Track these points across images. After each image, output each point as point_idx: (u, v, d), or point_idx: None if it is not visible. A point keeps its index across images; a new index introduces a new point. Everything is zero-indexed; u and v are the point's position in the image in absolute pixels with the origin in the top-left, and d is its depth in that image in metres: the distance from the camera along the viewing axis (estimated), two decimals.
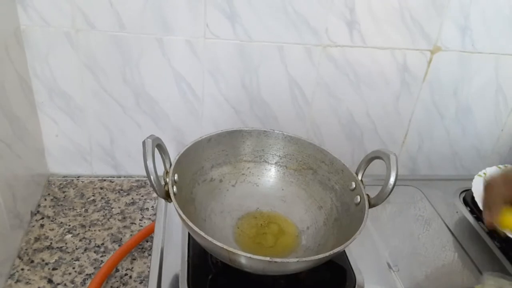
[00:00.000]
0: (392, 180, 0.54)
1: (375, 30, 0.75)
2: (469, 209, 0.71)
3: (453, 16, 0.75)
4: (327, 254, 0.47)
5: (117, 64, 0.73)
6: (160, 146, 0.54)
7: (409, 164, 0.92)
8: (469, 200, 0.71)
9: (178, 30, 0.71)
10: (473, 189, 0.67)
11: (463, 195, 0.74)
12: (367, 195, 0.56)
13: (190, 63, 0.74)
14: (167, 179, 0.53)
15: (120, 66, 0.73)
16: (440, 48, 0.78)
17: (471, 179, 0.70)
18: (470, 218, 0.69)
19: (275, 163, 0.66)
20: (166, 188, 0.52)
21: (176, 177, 0.55)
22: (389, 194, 0.54)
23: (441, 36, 0.77)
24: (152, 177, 0.50)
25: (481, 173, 0.71)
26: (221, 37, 0.72)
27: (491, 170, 0.71)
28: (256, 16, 0.71)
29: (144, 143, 0.51)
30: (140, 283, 0.64)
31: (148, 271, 0.64)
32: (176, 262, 0.57)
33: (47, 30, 0.69)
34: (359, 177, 0.59)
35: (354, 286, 0.55)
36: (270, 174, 0.66)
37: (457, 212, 0.70)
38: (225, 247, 0.46)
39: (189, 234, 0.60)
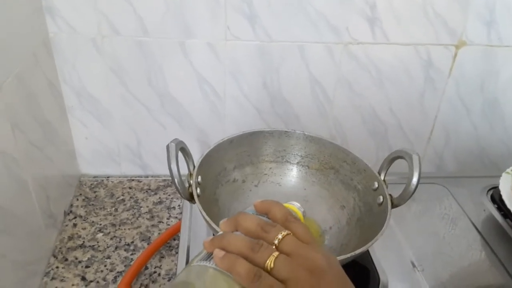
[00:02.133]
0: (414, 180, 0.53)
1: (398, 27, 0.74)
2: (496, 206, 0.69)
3: (477, 10, 0.73)
4: (349, 255, 0.48)
5: (142, 68, 0.75)
6: (183, 149, 0.55)
7: (436, 160, 0.90)
8: (496, 198, 0.70)
9: (200, 33, 0.72)
10: (500, 187, 0.66)
11: (490, 192, 0.72)
12: (390, 195, 0.56)
13: (212, 65, 0.75)
14: (191, 181, 0.55)
15: (144, 70, 0.75)
16: (465, 43, 0.77)
17: (499, 176, 0.69)
18: (497, 216, 0.67)
19: (297, 163, 0.66)
20: (190, 190, 0.54)
21: (199, 178, 0.56)
22: (411, 195, 0.54)
23: (466, 30, 0.75)
24: (176, 180, 0.52)
25: (509, 170, 0.69)
26: (241, 39, 0.73)
27: None
28: (275, 17, 0.71)
29: (168, 147, 0.52)
30: (169, 280, 0.66)
31: (176, 269, 0.66)
32: None
33: (74, 37, 0.71)
34: (382, 177, 0.59)
35: (378, 286, 0.55)
36: (292, 174, 0.66)
37: (484, 210, 0.69)
38: None
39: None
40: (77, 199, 0.80)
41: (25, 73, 0.61)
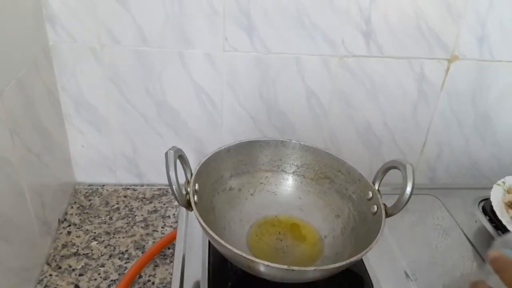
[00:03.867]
0: (408, 190, 0.54)
1: (392, 40, 0.76)
2: (488, 218, 0.70)
3: (470, 25, 0.76)
4: (344, 263, 0.48)
5: (140, 77, 0.75)
6: (181, 157, 0.56)
7: (428, 173, 0.92)
8: (488, 209, 0.71)
9: (198, 43, 0.73)
10: (491, 198, 0.67)
11: (482, 204, 0.73)
12: (384, 204, 0.57)
13: (209, 75, 0.76)
14: (188, 189, 0.55)
15: (142, 79, 0.76)
16: (457, 57, 0.79)
17: (491, 188, 0.70)
18: (489, 227, 0.68)
19: (293, 172, 0.67)
20: (187, 197, 0.54)
21: (196, 186, 0.57)
22: (405, 204, 0.54)
23: (459, 45, 0.77)
24: (174, 187, 0.52)
25: (500, 182, 0.70)
26: (239, 50, 0.75)
27: (510, 179, 0.71)
28: (273, 29, 0.73)
29: (166, 154, 0.53)
30: None
31: (170, 278, 0.66)
32: (197, 269, 0.59)
33: (74, 45, 0.72)
34: (376, 187, 0.59)
35: None
36: (288, 183, 0.67)
37: (476, 221, 0.70)
38: (244, 255, 0.47)
39: (209, 241, 0.61)
40: (72, 207, 0.80)
41: (25, 80, 0.62)
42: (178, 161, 0.55)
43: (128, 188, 0.86)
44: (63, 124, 0.79)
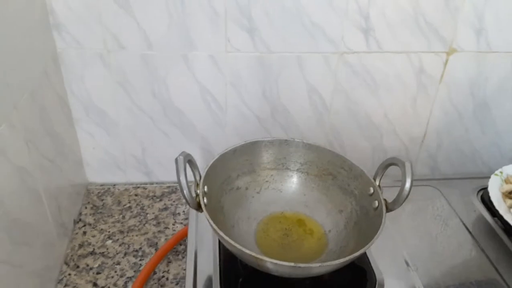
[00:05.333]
0: (407, 186, 0.57)
1: (391, 36, 0.77)
2: (486, 207, 0.73)
3: (467, 18, 0.77)
4: (347, 258, 0.51)
5: (146, 80, 0.78)
6: (190, 162, 0.58)
7: (430, 162, 0.94)
8: (486, 199, 0.73)
9: (202, 46, 0.75)
10: (489, 189, 0.69)
11: (480, 193, 0.76)
12: (385, 200, 0.59)
13: (213, 76, 0.78)
14: (198, 191, 0.58)
15: (149, 82, 0.78)
16: (455, 50, 0.80)
17: (489, 177, 0.72)
18: (487, 216, 0.71)
19: (297, 169, 0.69)
20: (197, 199, 0.57)
21: (205, 188, 0.59)
22: (405, 199, 0.57)
23: (457, 38, 0.79)
24: (185, 191, 0.55)
25: (497, 172, 0.72)
26: (241, 50, 0.76)
27: (508, 169, 0.73)
28: (274, 29, 0.75)
29: (176, 160, 0.55)
30: (177, 284, 0.69)
31: (183, 273, 0.70)
32: (208, 264, 0.62)
33: (81, 52, 0.74)
34: (377, 183, 0.62)
35: (375, 286, 0.59)
36: (292, 180, 0.70)
37: (474, 210, 0.72)
38: (253, 254, 0.50)
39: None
40: (86, 207, 0.83)
41: (37, 89, 0.64)
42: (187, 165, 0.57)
43: (138, 187, 0.89)
44: (73, 127, 0.81)
